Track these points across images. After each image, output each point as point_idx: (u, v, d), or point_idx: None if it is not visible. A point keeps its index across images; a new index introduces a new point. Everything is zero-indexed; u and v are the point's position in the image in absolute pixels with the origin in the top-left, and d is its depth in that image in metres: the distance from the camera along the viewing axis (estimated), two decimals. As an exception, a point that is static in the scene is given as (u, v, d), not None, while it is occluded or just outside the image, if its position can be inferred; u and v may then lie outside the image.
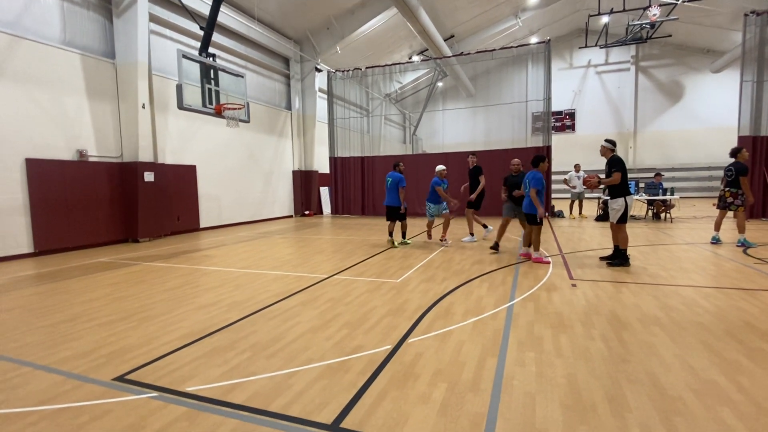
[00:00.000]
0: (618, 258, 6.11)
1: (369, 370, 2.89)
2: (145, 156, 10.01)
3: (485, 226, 9.22)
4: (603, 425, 2.19)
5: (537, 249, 6.52)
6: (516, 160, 7.69)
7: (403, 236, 8.63)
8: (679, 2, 15.73)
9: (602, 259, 6.47)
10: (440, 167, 8.32)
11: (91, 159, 9.27)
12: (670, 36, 20.30)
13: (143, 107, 9.83)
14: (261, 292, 5.09)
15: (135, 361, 3.14)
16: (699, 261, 6.32)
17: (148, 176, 10.10)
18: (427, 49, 19.57)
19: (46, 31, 8.52)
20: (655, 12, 15.01)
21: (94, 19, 9.45)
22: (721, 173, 22.33)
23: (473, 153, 9.28)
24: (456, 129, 26.10)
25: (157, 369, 2.99)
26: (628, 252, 6.32)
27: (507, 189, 7.49)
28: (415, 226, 12.12)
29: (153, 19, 10.50)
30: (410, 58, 21.24)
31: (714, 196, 22.62)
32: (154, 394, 2.63)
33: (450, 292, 4.84)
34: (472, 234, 8.92)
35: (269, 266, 6.70)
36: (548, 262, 6.39)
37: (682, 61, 24.27)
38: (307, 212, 17.23)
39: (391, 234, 8.56)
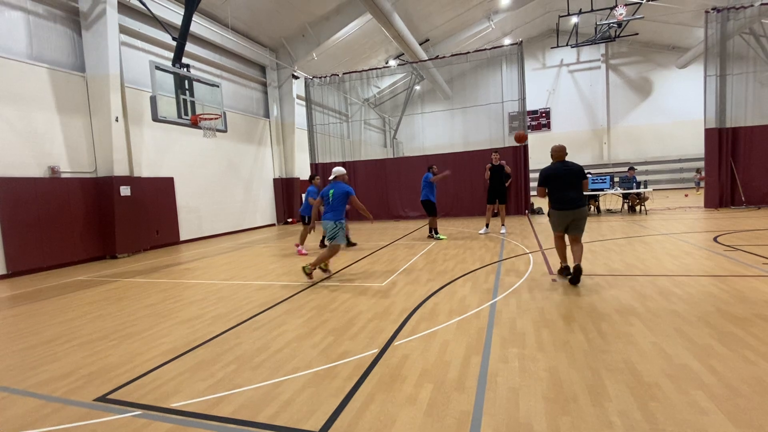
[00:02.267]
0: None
1: (356, 374, 2.90)
2: (120, 170, 9.80)
3: (487, 225, 10.08)
4: (584, 415, 2.25)
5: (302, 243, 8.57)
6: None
7: (435, 231, 9.52)
8: (643, 1, 16.31)
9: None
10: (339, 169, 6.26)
11: (63, 175, 9.03)
12: (637, 34, 20.99)
13: (116, 120, 9.64)
14: (245, 303, 5.04)
15: (117, 380, 3.08)
16: (673, 251, 6.55)
17: (125, 190, 9.89)
18: (403, 54, 19.74)
19: (12, 46, 8.29)
20: (621, 11, 15.52)
21: (62, 33, 9.24)
22: (691, 165, 23.28)
23: (496, 150, 10.78)
24: (435, 131, 26.27)
25: (140, 387, 2.94)
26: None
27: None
28: (398, 229, 12.18)
29: (123, 30, 10.32)
30: (387, 63, 21.38)
31: (685, 188, 23.42)
32: (138, 412, 2.58)
33: (434, 293, 4.90)
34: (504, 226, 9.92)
35: (253, 276, 6.64)
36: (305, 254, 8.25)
37: (650, 58, 25.13)
38: (289, 220, 17.11)
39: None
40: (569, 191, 4.95)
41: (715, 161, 12.52)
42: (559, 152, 5.12)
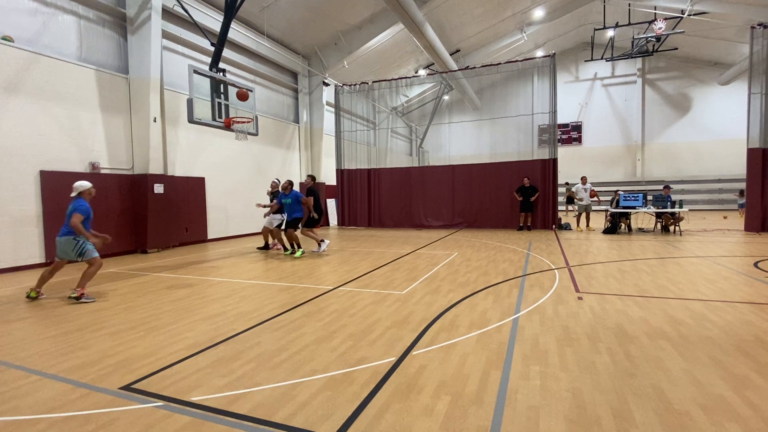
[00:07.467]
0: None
1: (373, 381, 2.89)
2: (155, 168, 10.19)
3: (322, 241, 9.41)
4: (608, 440, 2.16)
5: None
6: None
7: (292, 246, 9.21)
8: (684, 16, 15.82)
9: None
10: (83, 183, 6.03)
11: (102, 171, 9.46)
12: (676, 49, 20.38)
13: (155, 121, 10.04)
14: (267, 303, 5.12)
15: (142, 370, 3.17)
16: (709, 274, 6.24)
17: (158, 188, 10.26)
18: (433, 63, 19.80)
19: (64, 48, 8.79)
20: (660, 26, 15.11)
21: (109, 36, 9.74)
22: (731, 186, 22.24)
23: (311, 176, 10.35)
24: (462, 142, 26.14)
25: (163, 378, 3.02)
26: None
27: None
28: (420, 238, 12.13)
29: (165, 35, 10.78)
30: (416, 72, 21.48)
31: (724, 209, 22.42)
32: (160, 403, 2.65)
33: (455, 305, 4.83)
34: (320, 244, 9.31)
35: (275, 277, 6.74)
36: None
37: (689, 74, 24.26)
38: (313, 224, 17.29)
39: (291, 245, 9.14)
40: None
41: (758, 182, 11.92)
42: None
